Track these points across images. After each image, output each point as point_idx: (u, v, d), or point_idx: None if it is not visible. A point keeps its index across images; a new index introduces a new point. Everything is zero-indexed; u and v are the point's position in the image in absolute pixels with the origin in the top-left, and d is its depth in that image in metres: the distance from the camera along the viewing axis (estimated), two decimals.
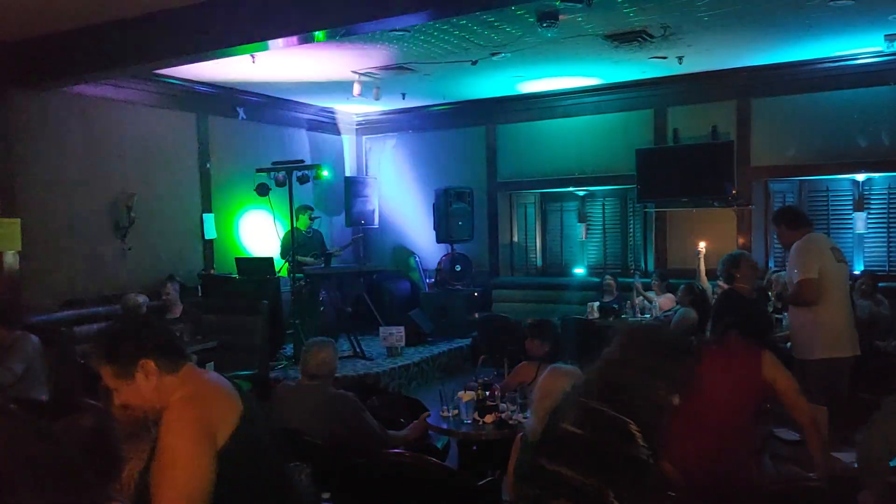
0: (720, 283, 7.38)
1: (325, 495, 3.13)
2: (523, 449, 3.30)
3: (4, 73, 6.75)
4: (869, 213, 8.45)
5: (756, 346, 3.58)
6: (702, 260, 7.99)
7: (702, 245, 8.08)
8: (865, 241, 8.49)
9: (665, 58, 7.81)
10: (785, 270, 5.99)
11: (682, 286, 7.79)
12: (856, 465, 3.44)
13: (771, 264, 8.73)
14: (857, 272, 7.91)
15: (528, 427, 3.31)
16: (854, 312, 5.37)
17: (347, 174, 11.08)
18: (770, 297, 6.85)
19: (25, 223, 6.91)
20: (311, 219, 8.96)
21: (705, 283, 7.76)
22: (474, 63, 7.77)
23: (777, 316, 7.04)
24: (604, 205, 10.13)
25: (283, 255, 8.65)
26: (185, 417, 2.16)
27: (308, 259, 8.73)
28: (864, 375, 5.06)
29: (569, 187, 10.05)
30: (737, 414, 3.45)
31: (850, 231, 8.49)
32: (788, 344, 5.76)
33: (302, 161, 8.51)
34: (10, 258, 6.87)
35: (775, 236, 5.90)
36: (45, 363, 5.75)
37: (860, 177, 8.42)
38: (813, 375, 4.87)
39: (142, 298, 7.04)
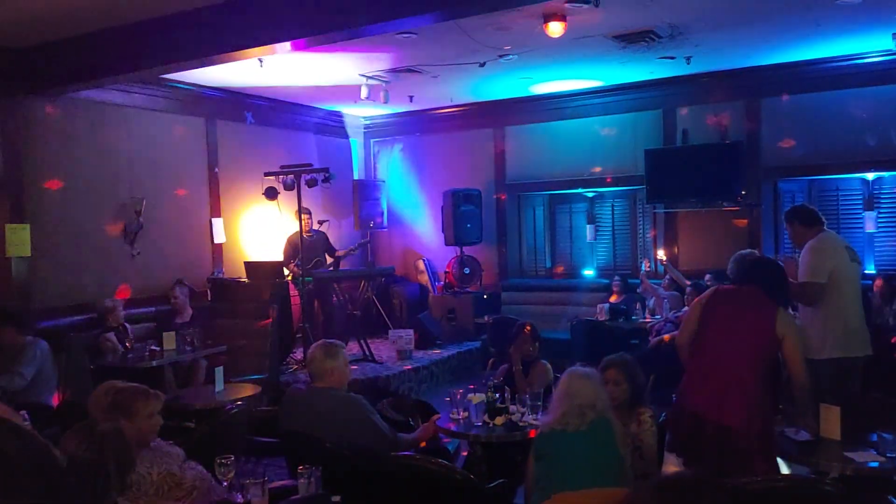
0: (707, 280, 7.47)
1: (336, 498, 3.12)
2: (540, 435, 3.40)
3: (13, 79, 6.78)
4: (879, 213, 8.40)
5: (773, 301, 3.83)
6: (669, 266, 8.10)
7: (661, 254, 8.16)
8: (876, 240, 8.44)
9: (673, 58, 7.78)
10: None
11: (689, 286, 7.81)
12: (871, 465, 3.42)
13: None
14: (867, 272, 7.88)
15: (545, 421, 3.44)
16: (871, 315, 5.32)
17: (356, 177, 11.09)
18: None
19: (35, 228, 6.94)
20: (312, 222, 8.92)
21: (685, 284, 7.93)
22: (482, 65, 7.76)
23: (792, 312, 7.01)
24: (613, 206, 10.10)
25: (287, 261, 8.63)
26: None
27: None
28: (876, 375, 5.03)
29: (577, 188, 10.02)
30: (745, 363, 3.75)
31: (861, 231, 8.43)
32: None
33: (310, 164, 8.52)
34: (20, 263, 6.89)
35: (786, 235, 5.84)
36: (55, 368, 5.79)
37: (870, 176, 8.37)
38: (824, 375, 4.83)
39: (110, 303, 7.05)
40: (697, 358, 3.93)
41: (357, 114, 10.89)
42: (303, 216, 8.44)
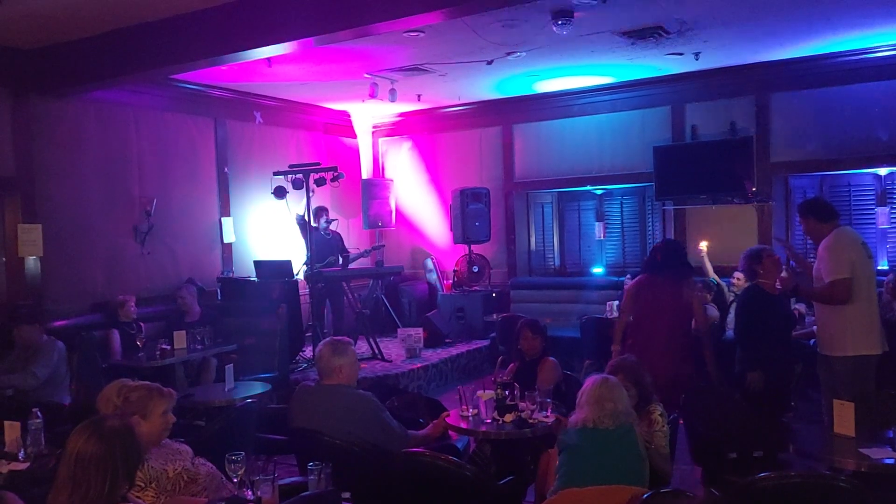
0: (735, 278, 7.36)
1: (345, 495, 3.12)
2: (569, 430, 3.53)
3: (23, 79, 6.82)
4: (892, 208, 8.33)
5: (680, 279, 5.44)
6: (705, 258, 8.05)
7: (703, 245, 8.12)
8: (888, 236, 8.38)
9: (681, 54, 7.74)
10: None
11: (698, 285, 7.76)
12: (886, 462, 3.39)
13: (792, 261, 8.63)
14: (880, 268, 7.81)
15: (575, 418, 3.54)
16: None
17: (364, 176, 11.09)
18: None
19: (46, 228, 6.98)
20: (328, 220, 8.95)
21: (716, 279, 7.86)
22: (490, 63, 7.75)
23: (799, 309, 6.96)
24: (622, 203, 10.07)
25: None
26: None
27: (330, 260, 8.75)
28: (890, 372, 4.98)
29: (586, 186, 9.99)
30: (669, 330, 5.31)
31: (873, 226, 8.37)
32: (812, 341, 5.70)
33: (318, 164, 8.52)
34: (32, 263, 6.93)
35: (800, 229, 5.81)
36: (68, 368, 5.82)
37: (882, 171, 8.31)
38: (840, 372, 4.80)
39: (121, 297, 7.12)
40: (636, 331, 5.46)
41: (365, 113, 10.88)
42: (318, 215, 8.48)
